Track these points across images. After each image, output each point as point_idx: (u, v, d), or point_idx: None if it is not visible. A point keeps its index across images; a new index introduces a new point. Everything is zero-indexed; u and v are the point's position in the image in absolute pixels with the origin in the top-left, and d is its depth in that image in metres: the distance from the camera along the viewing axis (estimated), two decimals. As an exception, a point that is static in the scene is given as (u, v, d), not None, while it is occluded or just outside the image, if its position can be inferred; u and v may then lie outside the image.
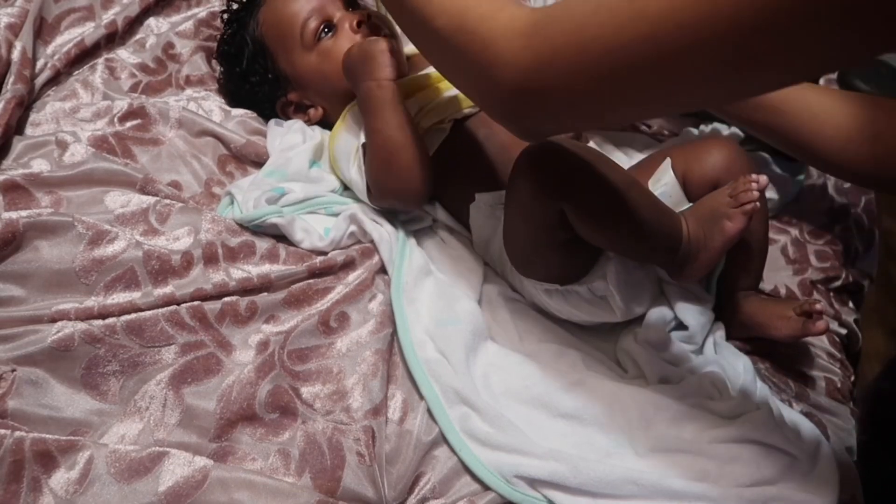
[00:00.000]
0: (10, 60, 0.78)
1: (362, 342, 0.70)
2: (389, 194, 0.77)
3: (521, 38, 0.48)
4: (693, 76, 0.42)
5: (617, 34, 0.43)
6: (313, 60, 0.83)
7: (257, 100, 0.88)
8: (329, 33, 0.83)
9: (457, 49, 0.54)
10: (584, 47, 0.45)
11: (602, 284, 0.73)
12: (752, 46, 0.38)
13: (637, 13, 0.41)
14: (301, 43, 0.83)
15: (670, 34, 0.40)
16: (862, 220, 0.97)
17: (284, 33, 0.84)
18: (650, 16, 0.41)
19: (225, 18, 0.91)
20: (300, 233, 0.76)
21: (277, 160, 0.82)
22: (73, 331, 0.62)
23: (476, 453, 0.65)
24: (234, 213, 0.77)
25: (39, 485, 0.57)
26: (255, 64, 0.86)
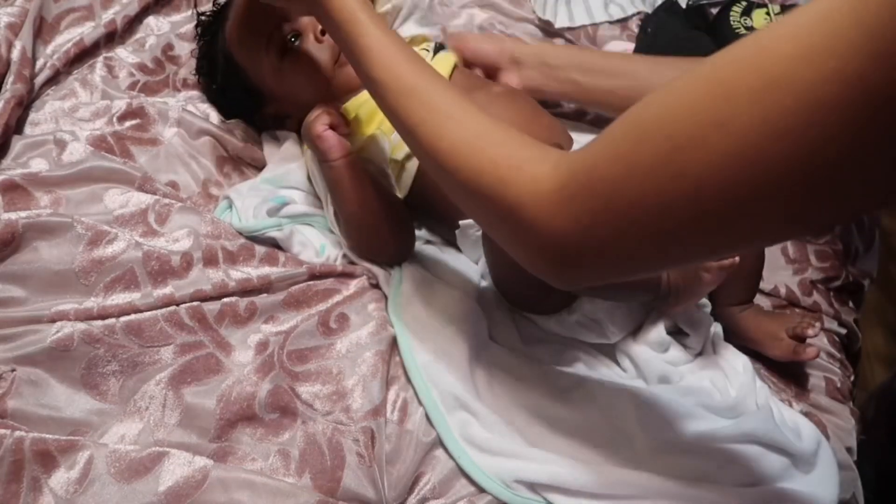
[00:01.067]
0: (9, 60, 0.78)
1: (362, 343, 0.70)
2: (368, 258, 0.77)
3: (551, 203, 0.46)
4: (737, 232, 0.41)
5: (657, 196, 0.40)
6: (282, 72, 0.81)
7: (240, 113, 0.87)
8: (295, 41, 0.80)
9: (480, 207, 0.52)
10: (623, 211, 0.42)
11: (593, 309, 0.73)
12: (795, 202, 0.37)
13: (677, 173, 0.39)
14: (266, 56, 0.80)
15: (712, 195, 0.38)
16: (862, 220, 0.97)
17: (249, 47, 0.81)
18: (690, 175, 0.39)
19: (198, 31, 0.89)
20: (297, 247, 0.77)
21: (277, 169, 0.82)
22: (73, 331, 0.62)
23: (475, 459, 0.65)
24: (232, 219, 0.77)
25: (39, 485, 0.57)
26: (229, 79, 0.84)
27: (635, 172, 0.41)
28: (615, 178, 0.42)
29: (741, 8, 1.09)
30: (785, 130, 0.35)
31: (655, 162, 0.40)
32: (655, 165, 0.40)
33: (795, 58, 0.35)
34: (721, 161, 0.37)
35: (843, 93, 0.33)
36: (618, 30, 1.15)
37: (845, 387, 0.82)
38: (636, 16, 1.17)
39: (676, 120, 0.39)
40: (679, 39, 1.06)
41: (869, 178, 0.35)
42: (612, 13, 1.16)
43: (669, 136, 0.39)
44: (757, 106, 0.36)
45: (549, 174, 0.47)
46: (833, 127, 0.34)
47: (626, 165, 0.42)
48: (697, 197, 0.39)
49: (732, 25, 1.06)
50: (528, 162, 0.49)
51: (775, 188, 0.37)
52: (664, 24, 1.10)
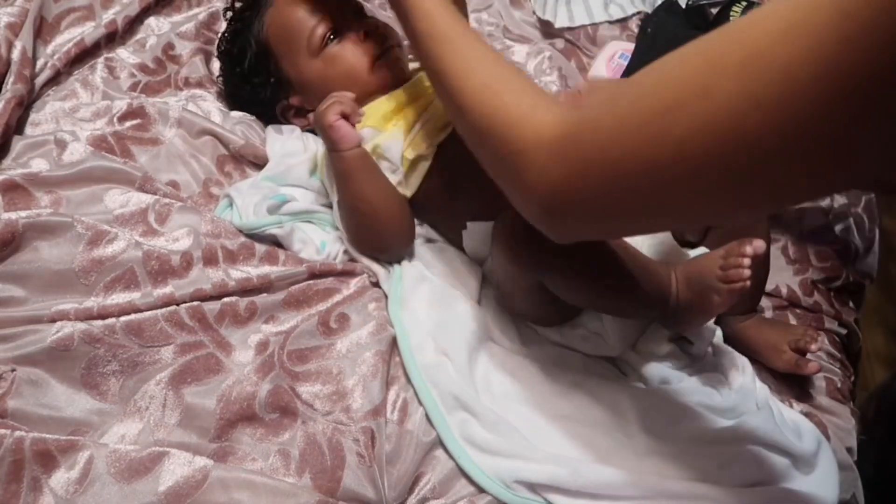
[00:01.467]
0: (10, 60, 0.78)
1: (362, 343, 0.70)
2: (365, 252, 0.78)
3: (549, 151, 0.48)
4: (716, 199, 0.42)
5: (643, 154, 0.43)
6: (318, 66, 0.83)
7: (257, 102, 0.88)
8: (334, 40, 0.82)
9: (488, 148, 0.55)
10: (611, 166, 0.45)
11: (597, 324, 0.73)
12: (771, 173, 0.39)
13: (662, 134, 0.41)
14: (307, 48, 0.82)
15: (693, 159, 0.40)
16: (862, 220, 0.97)
17: (291, 37, 0.83)
18: (673, 137, 0.41)
19: (228, 17, 0.91)
20: (298, 244, 0.77)
21: (277, 166, 0.82)
22: (73, 331, 0.62)
23: (475, 460, 0.65)
24: (233, 217, 0.77)
25: (39, 484, 0.57)
26: (258, 66, 0.86)
27: (626, 129, 0.43)
28: (609, 132, 0.45)
29: (741, 8, 1.09)
30: (764, 103, 0.36)
31: (644, 121, 0.42)
32: (644, 124, 0.42)
33: (776, 33, 0.36)
34: (703, 126, 0.39)
35: (817, 72, 0.34)
36: (617, 30, 1.15)
37: (846, 387, 0.82)
38: (636, 16, 1.17)
39: (668, 85, 0.41)
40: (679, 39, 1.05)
41: (842, 157, 0.36)
42: (611, 13, 1.16)
43: (660, 98, 0.41)
44: (739, 77, 0.37)
45: (554, 122, 0.49)
46: (808, 105, 0.35)
47: (619, 121, 0.44)
48: (678, 159, 0.41)
49: (732, 25, 1.06)
50: (537, 108, 0.51)
51: (753, 158, 0.38)
52: (664, 24, 1.10)
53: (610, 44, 1.10)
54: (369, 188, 0.75)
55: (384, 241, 0.77)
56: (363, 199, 0.75)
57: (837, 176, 0.39)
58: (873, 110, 0.34)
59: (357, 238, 0.78)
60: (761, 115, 0.37)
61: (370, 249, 0.78)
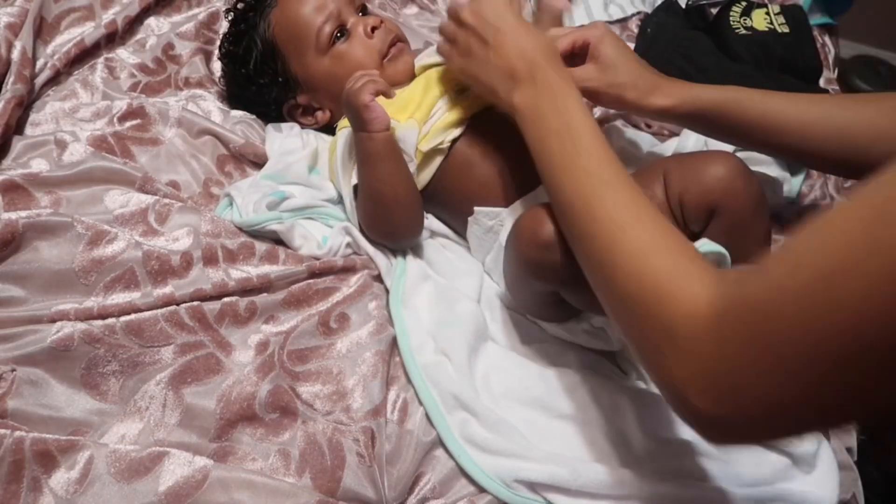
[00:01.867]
0: (9, 60, 0.78)
1: (362, 343, 0.70)
2: (378, 236, 0.78)
3: (705, 330, 0.43)
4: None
5: (812, 329, 0.37)
6: (326, 64, 0.83)
7: (263, 102, 0.88)
8: (342, 38, 0.83)
9: (634, 317, 0.50)
10: (776, 347, 0.39)
11: (601, 319, 0.73)
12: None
13: (833, 303, 0.36)
14: (315, 46, 0.83)
15: (873, 327, 0.35)
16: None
17: (298, 36, 0.83)
18: (847, 305, 0.35)
19: (231, 18, 0.91)
20: (299, 240, 0.77)
21: (276, 164, 0.82)
22: (73, 331, 0.62)
23: (475, 459, 0.65)
24: (233, 216, 0.77)
25: (39, 485, 0.57)
26: (265, 66, 0.86)
27: (789, 301, 0.38)
28: (769, 308, 0.39)
29: (741, 8, 1.09)
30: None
31: (810, 291, 0.37)
32: (810, 294, 0.37)
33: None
34: (881, 286, 0.34)
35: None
36: (617, 30, 1.15)
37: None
38: (636, 16, 1.17)
39: (829, 246, 0.37)
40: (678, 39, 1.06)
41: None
42: (611, 13, 1.16)
43: (823, 262, 0.37)
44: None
45: (707, 298, 0.44)
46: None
47: (780, 294, 0.39)
48: (856, 330, 0.35)
49: (732, 25, 1.06)
50: (692, 280, 0.46)
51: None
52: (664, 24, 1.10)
53: (610, 44, 1.10)
54: (394, 173, 0.74)
55: (399, 227, 0.77)
56: (386, 182, 0.74)
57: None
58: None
59: (372, 223, 0.77)
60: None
61: (383, 236, 0.77)
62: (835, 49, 1.22)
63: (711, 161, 0.72)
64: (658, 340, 0.47)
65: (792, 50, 1.03)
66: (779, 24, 1.06)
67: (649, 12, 1.17)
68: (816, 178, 0.98)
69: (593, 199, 0.56)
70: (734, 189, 0.70)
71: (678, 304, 0.46)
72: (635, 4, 1.18)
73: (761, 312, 0.40)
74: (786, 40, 1.04)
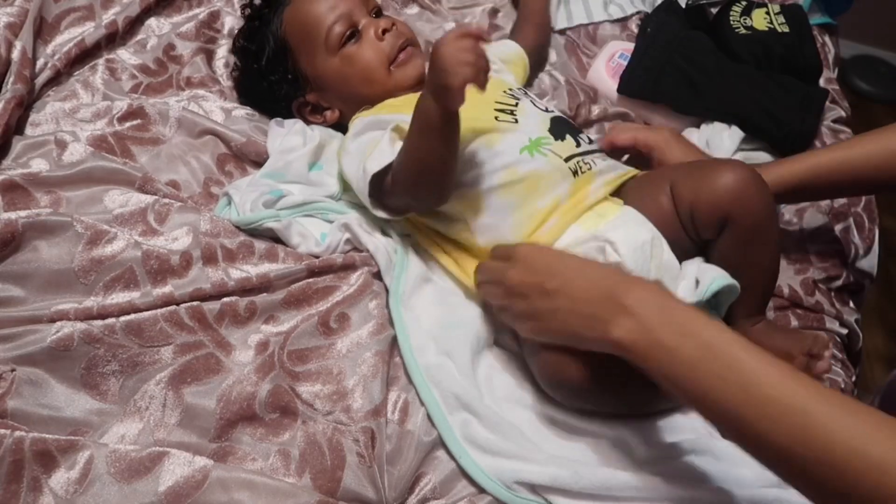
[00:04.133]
0: (10, 60, 0.78)
1: (362, 343, 0.70)
2: (408, 197, 0.73)
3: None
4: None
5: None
6: (336, 64, 0.83)
7: (273, 98, 0.88)
8: (354, 39, 0.83)
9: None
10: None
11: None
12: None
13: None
14: (325, 46, 0.83)
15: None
16: (862, 220, 0.97)
17: (309, 35, 0.84)
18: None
19: (246, 13, 0.91)
20: (296, 237, 0.76)
21: (276, 163, 0.82)
22: (73, 331, 0.62)
23: (476, 460, 0.65)
24: (231, 214, 0.77)
25: (39, 484, 0.57)
26: (276, 62, 0.86)
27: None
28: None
29: (741, 8, 1.09)
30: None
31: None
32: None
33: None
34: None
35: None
36: (618, 29, 1.15)
37: (848, 388, 0.82)
38: (636, 15, 1.17)
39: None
40: (679, 39, 1.06)
41: None
42: (611, 13, 1.16)
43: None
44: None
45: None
46: None
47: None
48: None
49: (732, 25, 1.06)
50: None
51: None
52: (664, 24, 1.10)
53: (610, 43, 1.10)
54: (448, 148, 0.69)
55: (433, 194, 0.73)
56: (434, 158, 0.69)
57: None
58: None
59: (404, 185, 0.72)
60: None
61: (420, 197, 0.73)
62: (835, 49, 1.22)
63: (722, 170, 0.71)
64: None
65: (792, 49, 1.03)
66: (779, 23, 1.06)
67: (649, 12, 1.16)
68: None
69: (829, 440, 0.46)
70: (747, 197, 0.69)
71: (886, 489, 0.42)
72: (635, 4, 1.18)
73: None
74: (786, 40, 1.04)
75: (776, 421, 0.47)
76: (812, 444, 0.46)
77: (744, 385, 0.49)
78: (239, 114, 0.88)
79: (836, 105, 1.07)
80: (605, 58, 1.07)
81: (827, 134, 1.03)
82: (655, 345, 0.53)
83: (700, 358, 0.51)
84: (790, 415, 0.47)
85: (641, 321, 0.54)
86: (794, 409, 0.47)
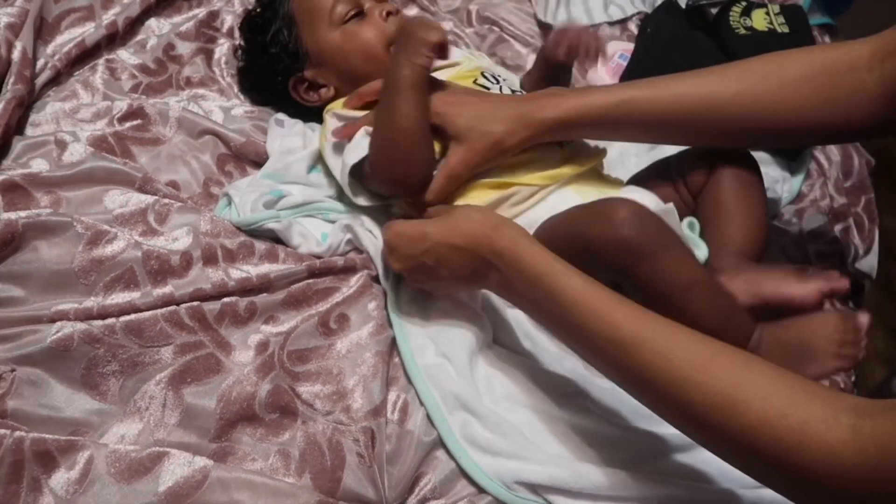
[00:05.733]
0: (10, 60, 0.78)
1: (362, 343, 0.70)
2: (383, 177, 0.75)
3: (856, 480, 0.41)
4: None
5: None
6: (336, 38, 0.85)
7: (272, 72, 0.89)
8: (357, 17, 0.85)
9: (762, 470, 0.48)
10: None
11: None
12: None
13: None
14: (329, 19, 0.84)
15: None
16: (862, 220, 0.97)
17: (315, 8, 0.86)
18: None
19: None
20: (297, 238, 0.76)
21: (276, 164, 0.82)
22: (73, 331, 0.62)
23: (476, 460, 0.65)
24: (231, 215, 0.77)
25: (39, 485, 0.57)
26: (279, 35, 0.88)
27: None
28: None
29: (741, 8, 1.09)
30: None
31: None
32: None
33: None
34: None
35: None
36: (617, 30, 1.15)
37: (848, 388, 0.82)
38: (636, 16, 1.17)
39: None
40: (678, 39, 1.06)
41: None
42: (611, 14, 1.16)
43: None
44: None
45: (848, 443, 0.42)
46: None
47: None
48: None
49: (732, 25, 1.06)
50: (815, 424, 0.43)
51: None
52: (664, 25, 1.10)
53: (610, 44, 1.10)
54: (420, 109, 0.72)
55: (414, 164, 0.74)
56: (410, 117, 0.72)
57: None
58: None
59: (387, 164, 0.74)
60: None
61: (395, 177, 0.75)
62: (835, 49, 1.22)
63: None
64: (798, 488, 0.45)
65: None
66: (779, 24, 1.06)
67: (649, 12, 1.17)
68: (816, 177, 0.98)
69: (643, 364, 0.52)
70: (745, 187, 0.73)
71: (812, 453, 0.43)
72: (635, 4, 1.18)
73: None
74: (786, 40, 1.04)
75: (603, 351, 0.56)
76: (630, 367, 0.53)
77: (578, 324, 0.57)
78: (238, 113, 0.88)
79: (836, 105, 1.07)
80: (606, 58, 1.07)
81: (827, 134, 1.03)
82: (516, 294, 0.64)
83: (547, 304, 0.60)
84: (612, 345, 0.54)
85: (502, 274, 0.63)
86: (614, 340, 0.54)
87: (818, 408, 0.44)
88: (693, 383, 0.49)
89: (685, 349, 0.51)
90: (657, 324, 0.54)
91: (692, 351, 0.50)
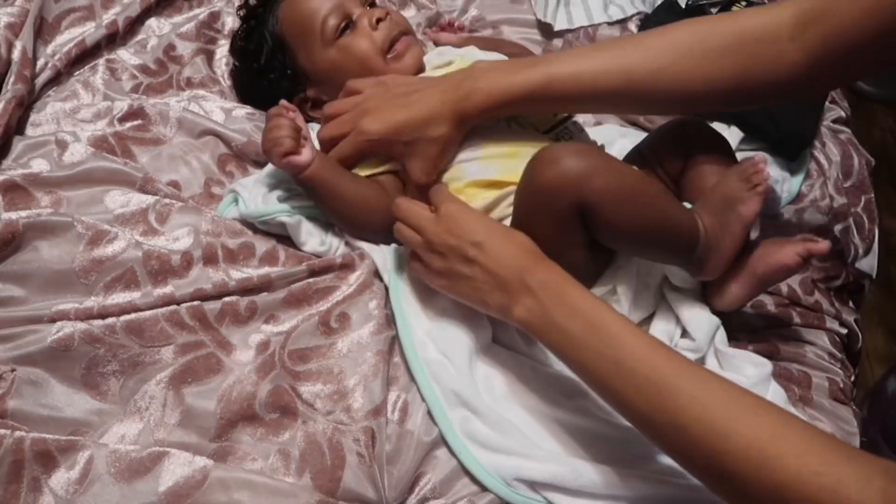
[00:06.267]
0: (10, 60, 0.78)
1: (363, 343, 0.70)
2: (352, 234, 0.78)
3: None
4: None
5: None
6: (332, 56, 0.84)
7: (273, 97, 0.89)
8: (348, 29, 0.84)
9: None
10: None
11: (609, 289, 0.74)
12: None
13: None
14: (321, 39, 0.84)
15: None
16: (862, 220, 0.97)
17: (304, 29, 0.85)
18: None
19: (242, 14, 0.92)
20: (305, 234, 0.76)
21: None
22: (73, 331, 0.62)
23: (476, 456, 0.65)
24: (239, 209, 0.77)
25: (39, 485, 0.57)
26: (274, 60, 0.87)
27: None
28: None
29: (740, 8, 1.09)
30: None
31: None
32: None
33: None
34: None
35: None
36: (617, 30, 1.15)
37: (847, 388, 0.82)
38: (636, 16, 1.17)
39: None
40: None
41: None
42: (611, 14, 1.16)
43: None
44: None
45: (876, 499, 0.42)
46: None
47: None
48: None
49: (732, 26, 1.06)
50: (849, 485, 0.43)
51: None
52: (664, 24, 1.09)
53: (610, 44, 1.10)
54: (341, 191, 0.75)
55: (368, 228, 0.77)
56: (340, 199, 0.75)
57: None
58: None
59: (346, 228, 0.78)
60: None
61: (361, 234, 0.78)
62: (835, 49, 1.22)
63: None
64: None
65: (792, 50, 1.03)
66: (779, 24, 1.06)
67: (649, 12, 1.16)
68: (816, 177, 0.98)
69: (679, 407, 0.52)
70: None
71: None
72: (635, 4, 1.18)
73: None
74: (786, 40, 1.04)
75: (638, 390, 0.54)
76: (665, 410, 0.53)
77: (616, 360, 0.56)
78: (239, 114, 0.88)
79: (836, 105, 1.08)
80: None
81: (826, 134, 1.03)
82: (549, 323, 0.60)
83: (585, 336, 0.58)
84: (649, 384, 0.54)
85: (540, 302, 0.61)
86: (652, 380, 0.54)
87: (853, 469, 0.44)
88: (728, 432, 0.49)
89: (724, 398, 0.51)
90: (697, 371, 0.55)
91: (731, 400, 0.51)
